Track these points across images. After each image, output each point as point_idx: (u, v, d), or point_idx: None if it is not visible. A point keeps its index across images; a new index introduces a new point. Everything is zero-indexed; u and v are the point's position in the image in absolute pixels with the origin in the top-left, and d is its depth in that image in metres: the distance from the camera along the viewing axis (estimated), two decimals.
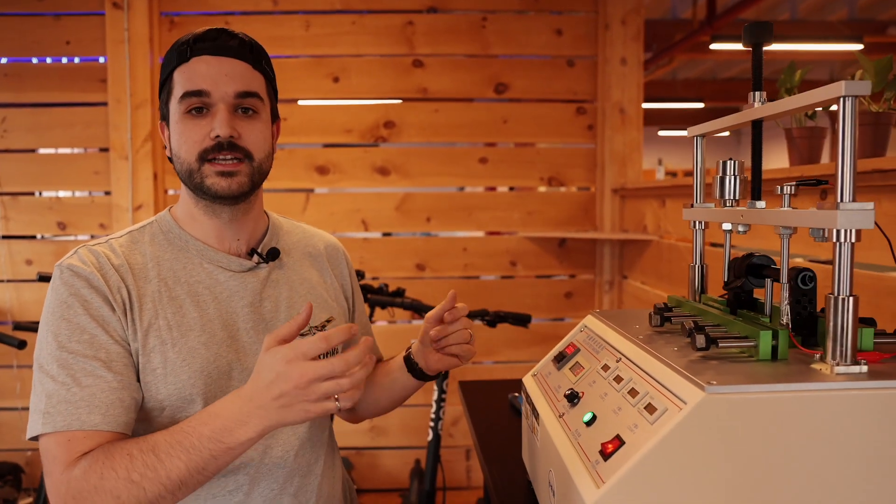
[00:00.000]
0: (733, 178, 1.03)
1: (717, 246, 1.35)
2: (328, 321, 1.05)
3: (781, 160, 1.86)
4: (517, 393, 1.72)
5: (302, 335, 0.88)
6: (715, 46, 5.24)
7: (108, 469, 0.88)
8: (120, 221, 2.98)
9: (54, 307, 0.98)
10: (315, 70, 3.05)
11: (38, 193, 3.09)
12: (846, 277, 0.78)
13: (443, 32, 3.06)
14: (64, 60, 3.03)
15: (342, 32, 3.05)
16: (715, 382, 0.74)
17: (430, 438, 2.36)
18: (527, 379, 1.23)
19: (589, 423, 0.89)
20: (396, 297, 2.37)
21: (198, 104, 1.02)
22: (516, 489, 1.22)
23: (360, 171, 3.09)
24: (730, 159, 1.04)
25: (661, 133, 11.23)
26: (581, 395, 0.97)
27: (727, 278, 1.07)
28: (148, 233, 1.10)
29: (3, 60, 3.01)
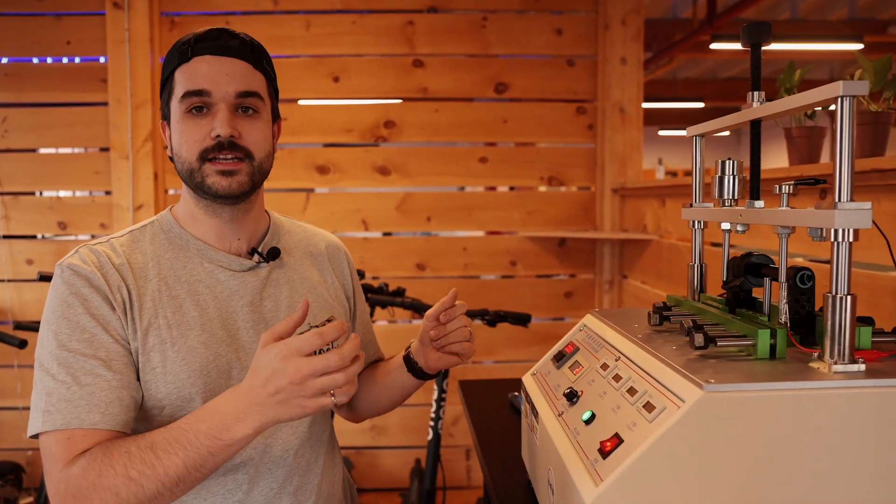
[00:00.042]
0: (732, 177, 1.04)
1: (718, 245, 1.36)
2: (328, 321, 1.05)
3: (781, 160, 1.86)
4: (517, 392, 1.72)
5: (300, 334, 0.88)
6: (715, 46, 5.24)
7: (107, 466, 0.88)
8: (120, 221, 2.98)
9: (55, 306, 0.99)
10: (315, 70, 3.05)
11: (39, 193, 3.09)
12: (844, 276, 0.78)
13: (443, 32, 3.07)
14: (64, 60, 3.03)
15: (342, 32, 3.05)
16: (713, 381, 0.74)
17: (430, 438, 2.36)
18: (526, 378, 1.23)
19: (588, 422, 0.89)
20: (396, 296, 2.37)
21: (198, 103, 1.03)
22: (516, 488, 1.22)
23: (360, 170, 3.09)
24: (728, 159, 1.04)
25: (661, 133, 11.22)
26: (580, 393, 0.98)
27: (726, 277, 1.07)
28: (149, 232, 1.11)
29: (4, 60, 3.01)
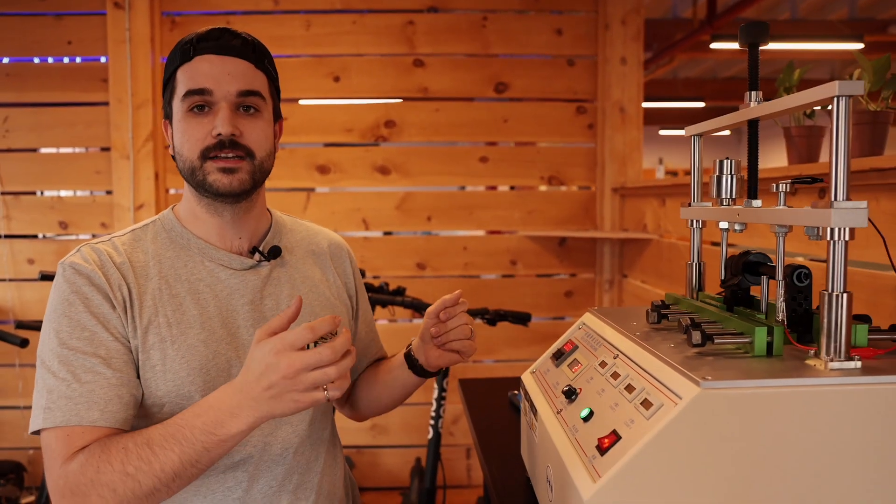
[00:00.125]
0: (730, 177, 1.04)
1: (717, 245, 1.36)
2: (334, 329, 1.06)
3: (781, 159, 1.86)
4: (516, 391, 1.73)
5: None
6: (715, 46, 5.24)
7: (105, 463, 0.89)
8: (121, 221, 2.99)
9: (56, 304, 0.99)
10: (316, 69, 3.06)
11: (40, 193, 3.09)
12: (840, 274, 0.79)
13: (443, 32, 3.07)
14: (65, 60, 3.04)
15: (343, 32, 3.06)
16: (710, 378, 0.75)
17: (430, 436, 2.37)
18: (525, 376, 1.24)
19: (586, 419, 0.89)
20: (397, 295, 2.37)
21: (200, 102, 1.03)
22: (516, 486, 1.23)
23: (360, 170, 3.10)
24: (727, 158, 1.04)
25: (661, 132, 11.22)
26: (579, 391, 0.98)
27: (724, 276, 1.07)
28: (150, 231, 1.11)
29: (5, 60, 3.02)
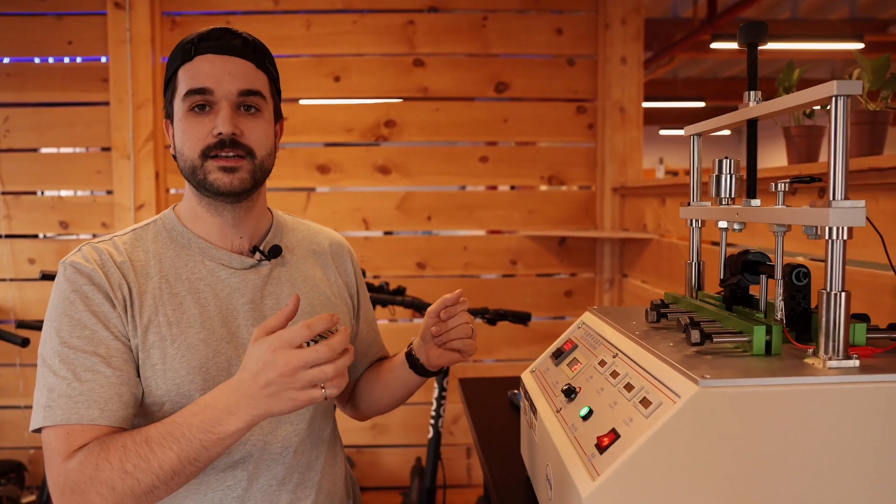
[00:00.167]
0: (729, 176, 1.04)
1: (717, 244, 1.36)
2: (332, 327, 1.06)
3: (782, 159, 1.86)
4: (516, 390, 1.73)
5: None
6: (716, 45, 5.24)
7: (103, 460, 0.89)
8: (122, 220, 2.99)
9: (57, 303, 1.00)
10: (316, 69, 3.06)
11: (41, 193, 3.10)
12: (838, 273, 0.79)
13: (443, 32, 3.07)
14: (66, 60, 3.04)
15: (343, 32, 3.06)
16: (708, 376, 0.75)
17: (430, 436, 2.37)
18: (525, 375, 1.24)
19: (585, 418, 0.90)
20: (397, 295, 2.37)
21: (201, 102, 1.03)
22: (516, 485, 1.23)
23: (360, 170, 3.10)
24: (726, 158, 1.05)
25: (662, 132, 11.22)
26: (578, 390, 0.98)
27: (723, 275, 1.08)
28: (152, 230, 1.12)
29: (6, 60, 3.02)
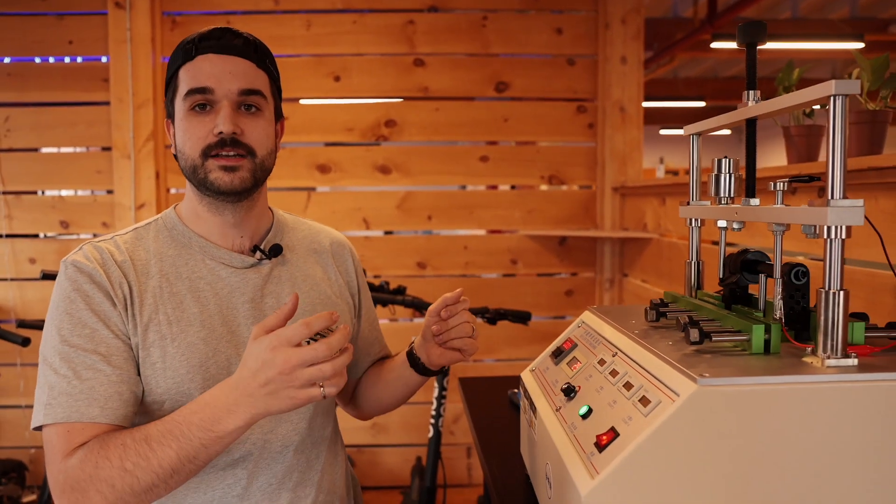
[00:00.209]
0: (728, 175, 1.05)
1: (717, 244, 1.36)
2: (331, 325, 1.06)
3: (782, 158, 1.86)
4: (516, 389, 1.73)
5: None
6: (716, 45, 5.25)
7: (103, 458, 0.90)
8: (122, 220, 3.00)
9: (58, 302, 1.00)
10: (316, 69, 3.06)
11: (41, 192, 3.10)
12: (837, 272, 0.79)
13: (443, 31, 3.08)
14: (66, 60, 3.04)
15: (343, 32, 3.06)
16: (707, 375, 0.75)
17: (430, 435, 2.37)
18: (525, 374, 1.24)
19: (585, 417, 0.90)
20: (397, 294, 2.37)
21: (202, 101, 1.04)
22: (515, 484, 1.23)
23: (361, 169, 3.10)
24: (725, 157, 1.05)
25: (662, 132, 11.23)
26: (577, 389, 0.99)
27: (722, 274, 1.08)
28: (153, 230, 1.12)
29: (7, 60, 3.03)
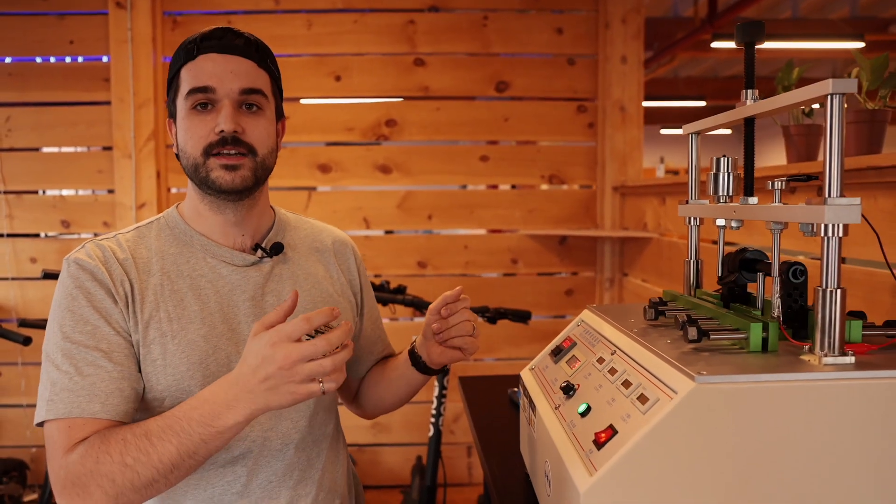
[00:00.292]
0: (727, 174, 1.05)
1: (717, 243, 1.37)
2: (332, 321, 1.06)
3: (782, 157, 1.87)
4: (516, 388, 1.74)
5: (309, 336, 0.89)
6: (716, 45, 5.24)
7: (104, 454, 0.90)
8: (123, 219, 3.00)
9: (60, 299, 1.01)
10: (317, 69, 3.07)
11: (42, 192, 3.11)
12: (834, 271, 0.79)
13: (444, 31, 3.08)
14: (67, 60, 3.05)
15: (344, 31, 3.07)
16: (705, 373, 0.76)
17: (431, 434, 2.38)
18: (524, 373, 1.25)
19: (583, 414, 0.90)
20: (398, 294, 2.38)
21: (203, 100, 1.04)
22: (515, 483, 1.23)
23: (361, 169, 3.11)
24: (724, 156, 1.05)
25: (663, 131, 11.23)
26: (577, 387, 0.99)
27: (721, 273, 1.08)
28: (155, 228, 1.13)
29: (8, 60, 3.03)
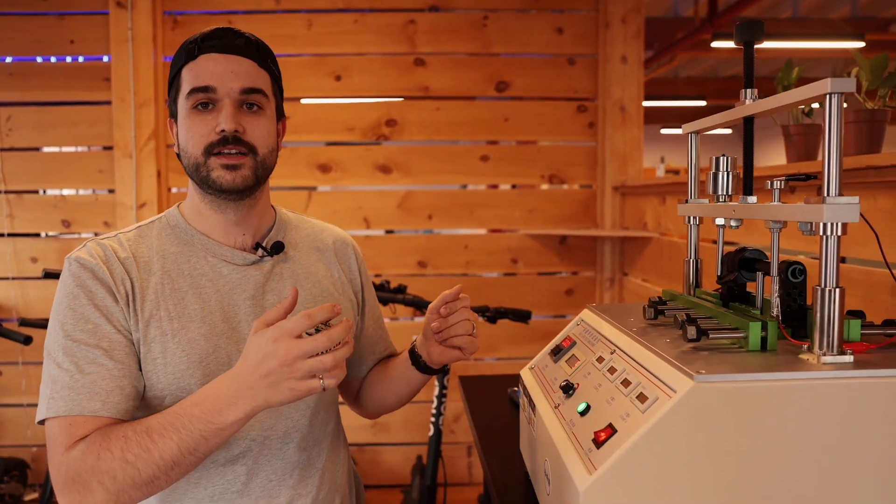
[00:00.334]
0: (726, 173, 1.05)
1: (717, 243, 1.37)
2: (333, 317, 1.06)
3: (782, 157, 1.87)
4: (516, 387, 1.74)
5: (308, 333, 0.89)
6: (716, 44, 5.25)
7: (105, 450, 0.91)
8: (124, 219, 3.01)
9: (62, 297, 1.02)
10: (317, 69, 3.07)
11: (43, 191, 3.11)
12: (833, 270, 0.79)
13: (444, 31, 3.08)
14: (68, 59, 3.05)
15: (344, 31, 3.07)
16: (704, 371, 0.76)
17: (431, 434, 2.38)
18: (524, 372, 1.25)
19: (583, 413, 0.90)
20: (398, 293, 2.38)
21: (204, 100, 1.05)
22: (515, 482, 1.24)
23: (362, 168, 3.11)
24: (723, 155, 1.05)
25: (663, 131, 11.23)
26: (576, 386, 0.99)
27: (720, 272, 1.08)
28: (156, 227, 1.13)
29: (8, 59, 3.03)
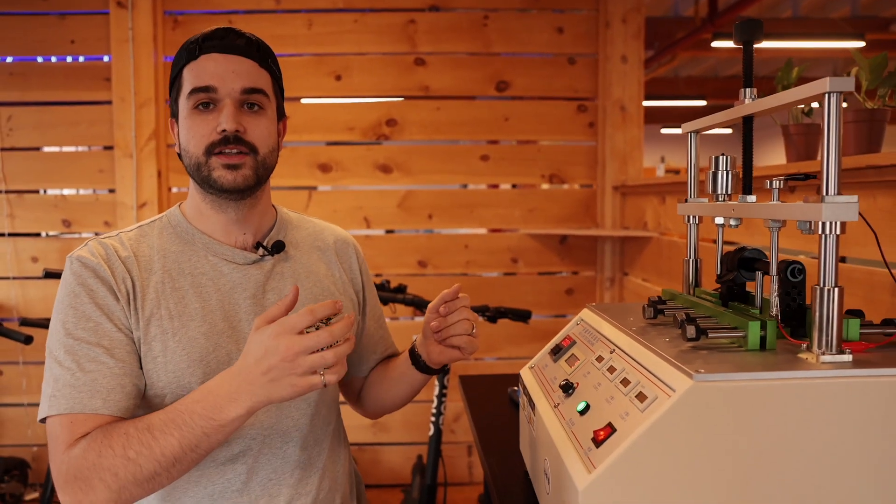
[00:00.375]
0: (725, 173, 1.05)
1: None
2: (335, 314, 1.07)
3: (782, 157, 1.87)
4: (516, 387, 1.74)
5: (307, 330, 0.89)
6: (717, 44, 5.25)
7: (106, 447, 0.91)
8: (124, 219, 3.01)
9: (63, 296, 1.02)
10: (317, 68, 3.07)
11: (44, 191, 3.11)
12: (831, 269, 0.80)
13: (444, 31, 3.08)
14: (69, 59, 3.05)
15: (344, 31, 3.07)
16: (703, 371, 0.76)
17: (431, 433, 2.38)
18: (524, 371, 1.25)
19: (582, 413, 0.91)
20: (398, 293, 2.38)
21: (205, 99, 1.05)
22: (515, 481, 1.24)
23: (362, 168, 3.11)
24: (722, 154, 1.06)
25: (663, 131, 11.23)
26: (576, 385, 0.99)
27: (720, 272, 1.09)
28: (157, 227, 1.14)
29: (9, 59, 3.04)
